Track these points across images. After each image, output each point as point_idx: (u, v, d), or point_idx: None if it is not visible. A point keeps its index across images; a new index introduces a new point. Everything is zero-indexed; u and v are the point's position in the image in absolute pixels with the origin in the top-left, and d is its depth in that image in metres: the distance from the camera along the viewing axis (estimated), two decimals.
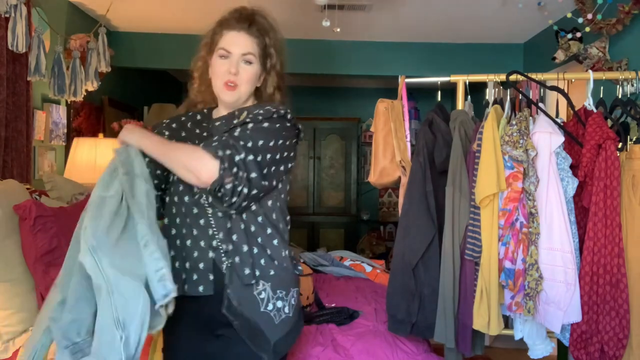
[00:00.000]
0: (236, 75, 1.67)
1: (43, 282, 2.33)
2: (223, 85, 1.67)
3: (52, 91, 3.44)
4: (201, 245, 1.62)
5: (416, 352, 2.31)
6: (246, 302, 1.61)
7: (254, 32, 1.70)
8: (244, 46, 1.68)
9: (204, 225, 1.63)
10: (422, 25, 4.55)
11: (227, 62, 1.67)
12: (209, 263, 1.62)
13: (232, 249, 1.61)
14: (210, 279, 1.62)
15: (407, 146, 2.53)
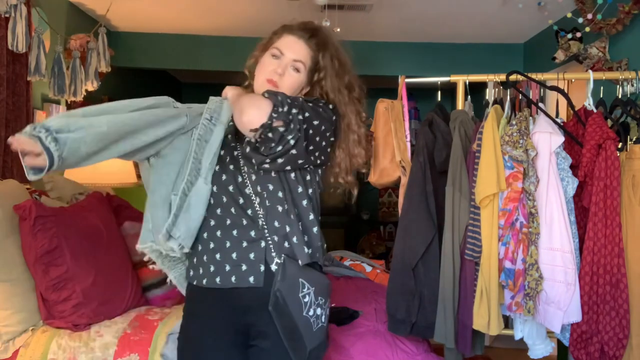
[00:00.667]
0: (281, 76, 1.66)
1: (43, 282, 2.33)
2: (265, 81, 1.66)
3: (52, 91, 3.43)
4: (251, 235, 1.59)
5: (416, 352, 2.32)
6: (292, 303, 1.58)
7: (312, 44, 1.70)
8: (297, 52, 1.68)
9: (252, 215, 1.60)
10: (422, 25, 4.55)
11: (277, 62, 1.67)
12: (260, 253, 1.59)
13: (281, 238, 1.59)
14: (261, 270, 1.58)
15: (407, 146, 2.53)
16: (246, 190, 1.62)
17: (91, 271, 2.40)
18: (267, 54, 1.69)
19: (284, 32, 1.71)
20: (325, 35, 1.75)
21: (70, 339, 2.31)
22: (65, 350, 2.28)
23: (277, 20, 1.83)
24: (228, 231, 1.62)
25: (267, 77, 1.66)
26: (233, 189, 1.63)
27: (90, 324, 2.36)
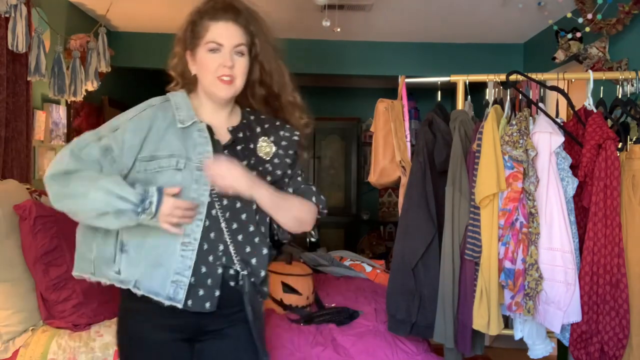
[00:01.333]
0: (232, 68, 1.56)
1: (43, 282, 2.33)
2: (217, 80, 1.56)
3: (52, 91, 3.43)
4: (209, 260, 1.56)
5: (416, 352, 2.31)
6: (258, 309, 1.63)
7: (242, 22, 1.59)
8: (235, 37, 1.57)
9: (214, 239, 1.56)
10: (422, 25, 4.55)
11: (219, 56, 1.56)
12: (217, 279, 1.56)
13: (241, 262, 1.58)
14: (216, 295, 1.56)
15: (407, 146, 2.53)
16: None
17: None
18: (202, 50, 1.57)
19: (208, 21, 1.58)
20: (245, 6, 1.63)
21: (70, 339, 2.31)
22: (65, 350, 2.28)
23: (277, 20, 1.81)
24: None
25: (217, 76, 1.56)
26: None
27: (90, 324, 2.36)
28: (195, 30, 1.59)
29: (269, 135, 1.69)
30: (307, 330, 2.45)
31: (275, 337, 2.36)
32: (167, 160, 1.54)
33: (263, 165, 1.65)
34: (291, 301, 2.71)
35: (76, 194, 1.49)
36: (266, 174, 1.64)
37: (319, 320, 2.55)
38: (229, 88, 1.58)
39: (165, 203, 1.48)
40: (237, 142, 1.64)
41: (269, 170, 1.65)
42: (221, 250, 1.56)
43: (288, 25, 4.50)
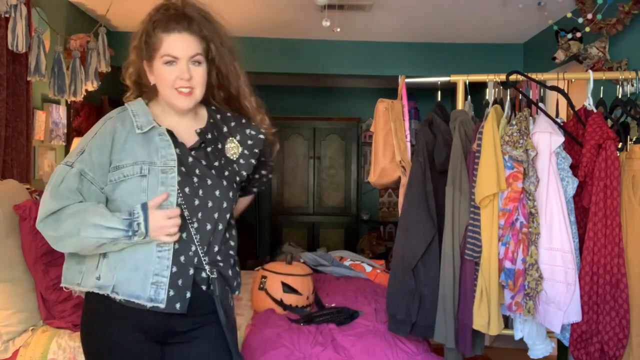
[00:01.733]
0: (190, 80, 1.55)
1: (43, 282, 2.33)
2: (176, 93, 1.56)
3: (52, 91, 3.43)
4: (180, 261, 1.55)
5: (416, 352, 2.31)
6: (229, 310, 1.64)
7: (195, 30, 1.56)
8: (189, 48, 1.55)
9: (186, 239, 1.56)
10: (422, 25, 4.55)
11: (176, 68, 1.54)
12: (189, 280, 1.55)
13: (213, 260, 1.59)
14: (187, 296, 1.55)
15: (407, 146, 2.53)
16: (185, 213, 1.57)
17: None
18: (158, 63, 1.55)
19: (161, 32, 1.54)
20: (197, 12, 1.59)
21: (70, 339, 2.31)
22: (65, 350, 2.28)
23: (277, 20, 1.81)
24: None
25: (175, 87, 1.55)
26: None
27: None
28: (150, 42, 1.56)
29: (235, 134, 1.70)
30: (307, 330, 2.45)
31: (275, 337, 2.36)
32: (131, 168, 1.54)
33: (232, 166, 1.66)
34: (291, 301, 2.71)
35: (69, 234, 1.50)
36: (235, 174, 1.66)
37: (319, 320, 2.55)
38: (189, 99, 1.57)
39: (152, 218, 1.48)
40: (207, 143, 1.64)
41: (236, 170, 1.67)
42: (192, 251, 1.56)
43: (288, 25, 4.50)
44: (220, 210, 1.60)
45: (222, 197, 1.60)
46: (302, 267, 2.93)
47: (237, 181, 1.66)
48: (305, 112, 6.88)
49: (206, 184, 1.59)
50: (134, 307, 1.53)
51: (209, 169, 1.61)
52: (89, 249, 1.52)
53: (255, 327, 2.47)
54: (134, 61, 1.61)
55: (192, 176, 1.58)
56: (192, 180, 1.58)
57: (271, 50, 4.93)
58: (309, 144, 6.75)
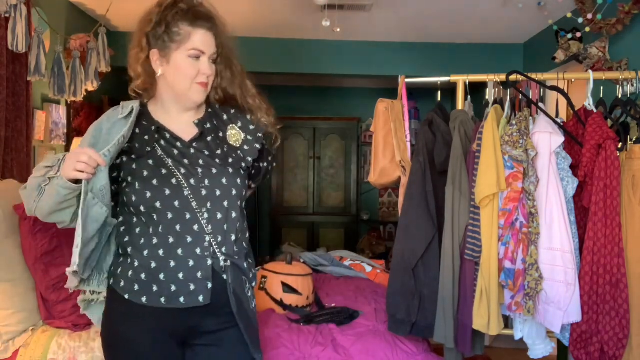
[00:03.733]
0: (210, 76, 1.63)
1: (43, 282, 2.33)
2: (197, 86, 1.60)
3: (52, 91, 3.43)
4: (197, 253, 1.55)
5: (416, 352, 2.31)
6: (245, 299, 1.62)
7: (215, 31, 1.63)
8: (212, 46, 1.62)
9: (199, 231, 1.56)
10: (422, 25, 4.55)
11: (199, 63, 1.59)
12: (208, 271, 1.55)
13: (227, 251, 1.59)
14: (208, 287, 1.55)
15: (407, 146, 2.53)
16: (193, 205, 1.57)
17: None
18: (181, 55, 1.57)
19: (189, 27, 1.58)
20: (216, 13, 1.66)
21: (70, 339, 2.31)
22: (65, 350, 2.28)
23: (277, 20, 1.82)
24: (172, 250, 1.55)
25: (197, 81, 1.60)
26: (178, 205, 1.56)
27: (90, 324, 2.36)
28: (171, 32, 1.57)
29: (236, 121, 1.71)
30: (307, 330, 2.45)
31: (275, 337, 2.36)
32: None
33: (235, 153, 1.66)
34: (291, 301, 2.72)
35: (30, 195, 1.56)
36: (239, 161, 1.66)
37: (319, 320, 2.55)
38: (205, 92, 1.64)
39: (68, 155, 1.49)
40: (206, 133, 1.66)
41: (241, 157, 1.67)
42: (207, 241, 1.56)
43: (288, 25, 4.50)
44: (229, 198, 1.60)
45: (229, 184, 1.60)
46: (302, 267, 2.93)
47: (243, 167, 1.66)
48: (305, 112, 6.88)
49: (211, 173, 1.59)
50: (153, 305, 1.54)
51: (212, 158, 1.62)
52: (49, 203, 1.51)
53: None
54: (145, 48, 1.61)
55: (196, 167, 1.59)
56: (197, 171, 1.58)
57: (271, 50, 4.93)
58: (309, 144, 6.75)
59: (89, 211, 1.50)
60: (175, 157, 1.59)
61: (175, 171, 1.57)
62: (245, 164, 1.67)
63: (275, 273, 2.78)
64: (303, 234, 6.65)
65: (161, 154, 1.59)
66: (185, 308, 1.55)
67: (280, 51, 4.95)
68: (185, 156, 1.60)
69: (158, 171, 1.57)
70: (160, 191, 1.55)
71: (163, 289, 1.54)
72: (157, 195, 1.55)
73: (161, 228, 1.55)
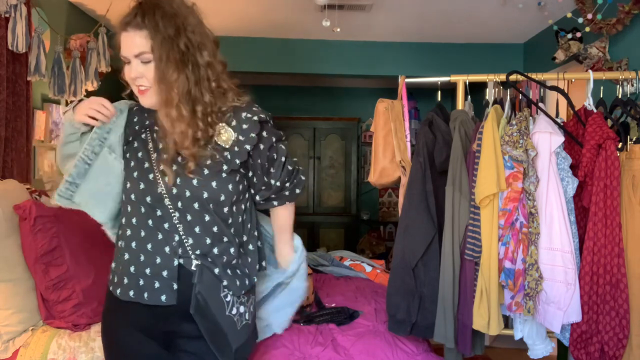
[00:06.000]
0: (140, 78, 1.52)
1: (43, 282, 2.33)
2: (137, 91, 1.56)
3: (52, 91, 3.43)
4: (165, 251, 1.54)
5: (416, 352, 2.31)
6: (213, 304, 1.56)
7: (139, 24, 1.48)
8: (134, 46, 1.49)
9: (169, 229, 1.54)
10: (422, 25, 4.55)
11: (129, 68, 1.53)
12: (173, 271, 1.54)
13: (202, 254, 1.55)
14: (174, 288, 1.53)
15: (407, 146, 2.53)
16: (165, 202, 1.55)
17: (91, 271, 2.40)
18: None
19: (118, 33, 1.53)
20: (153, 4, 1.51)
21: (70, 339, 2.31)
22: (65, 350, 2.28)
23: (277, 20, 1.81)
24: (142, 244, 1.56)
25: (135, 86, 1.55)
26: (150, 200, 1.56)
27: (90, 324, 2.36)
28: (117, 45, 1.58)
29: (231, 120, 1.61)
30: (307, 330, 2.45)
31: (275, 337, 2.36)
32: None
33: (222, 154, 1.59)
34: None
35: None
36: (224, 163, 1.59)
37: (319, 320, 2.55)
38: (147, 97, 1.55)
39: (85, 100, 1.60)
40: None
41: (227, 158, 1.59)
42: (176, 240, 1.54)
43: (288, 25, 4.50)
44: (200, 200, 1.54)
45: (201, 186, 1.54)
46: None
47: (224, 170, 1.58)
48: (305, 112, 6.88)
49: (184, 175, 1.55)
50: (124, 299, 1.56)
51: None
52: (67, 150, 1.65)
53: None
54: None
55: (172, 164, 1.57)
56: (171, 170, 1.56)
57: (271, 50, 4.93)
58: (309, 144, 6.75)
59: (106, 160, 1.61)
60: (159, 152, 1.59)
61: (155, 167, 1.57)
62: (229, 167, 1.59)
63: None
64: (303, 233, 6.64)
65: (150, 147, 1.60)
66: (157, 306, 1.54)
67: (280, 51, 4.95)
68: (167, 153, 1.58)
69: (141, 164, 1.59)
70: (136, 184, 1.56)
71: (132, 282, 1.55)
72: (134, 188, 1.57)
73: (135, 220, 1.57)
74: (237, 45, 4.86)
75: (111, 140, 1.62)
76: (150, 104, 1.57)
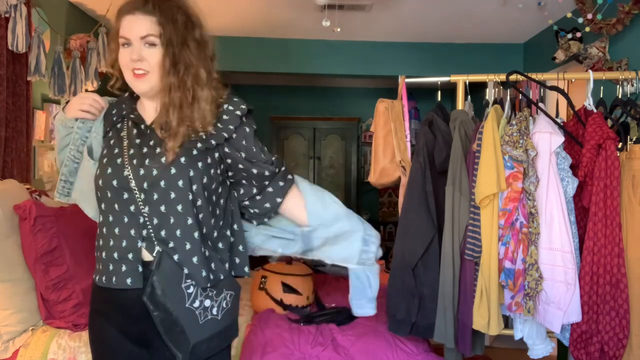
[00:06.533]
0: (141, 61, 1.51)
1: (43, 282, 2.33)
2: (132, 75, 1.54)
3: (52, 91, 3.43)
4: (131, 234, 1.52)
5: (416, 352, 2.31)
6: (172, 294, 1.50)
7: (149, 10, 1.51)
8: (141, 28, 1.50)
9: (135, 212, 1.52)
10: (422, 25, 4.55)
11: (129, 50, 1.52)
12: (138, 253, 1.52)
13: (165, 237, 1.51)
14: (139, 270, 1.52)
15: (407, 146, 2.53)
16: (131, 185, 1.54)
17: (91, 271, 2.38)
18: (120, 47, 1.55)
19: (120, 16, 1.54)
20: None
21: (70, 339, 2.31)
22: (65, 350, 2.28)
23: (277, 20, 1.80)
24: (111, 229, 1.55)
25: (130, 69, 1.54)
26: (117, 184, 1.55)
27: None
28: (116, 29, 1.57)
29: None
30: (307, 330, 2.45)
31: (276, 337, 2.36)
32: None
33: (197, 134, 1.56)
34: (291, 301, 2.71)
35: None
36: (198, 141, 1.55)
37: (319, 320, 2.55)
38: (143, 82, 1.54)
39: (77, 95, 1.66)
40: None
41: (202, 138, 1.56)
42: (140, 222, 1.52)
43: (288, 25, 4.50)
44: (168, 178, 1.51)
45: (171, 163, 1.51)
46: (302, 267, 2.93)
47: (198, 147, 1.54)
48: (305, 112, 6.88)
49: (154, 152, 1.54)
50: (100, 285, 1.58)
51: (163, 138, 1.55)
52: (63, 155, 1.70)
53: (255, 327, 2.47)
54: (113, 49, 1.62)
55: (144, 147, 1.56)
56: (142, 151, 1.55)
57: (271, 50, 4.93)
58: (309, 144, 6.75)
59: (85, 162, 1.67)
60: (132, 137, 1.59)
61: (125, 151, 1.57)
62: (203, 145, 1.55)
63: (275, 273, 2.78)
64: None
65: (123, 134, 1.61)
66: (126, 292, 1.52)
67: (280, 51, 4.95)
68: (140, 136, 1.58)
69: (112, 150, 1.60)
70: (104, 169, 1.57)
71: (104, 267, 1.56)
72: (102, 173, 1.57)
73: (104, 206, 1.57)
74: (237, 45, 4.85)
75: (91, 139, 1.67)
76: (146, 88, 1.56)
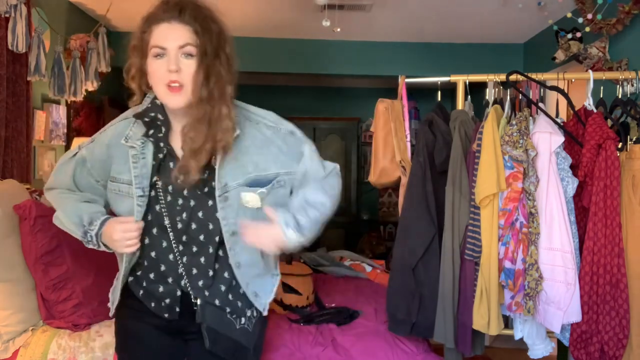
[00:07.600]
0: (178, 72, 1.38)
1: (43, 282, 2.32)
2: (167, 90, 1.39)
3: (52, 91, 3.43)
4: (168, 281, 1.54)
5: (416, 352, 2.31)
6: (224, 328, 1.56)
7: (186, 19, 1.39)
8: (179, 37, 1.38)
9: (173, 261, 1.53)
10: (422, 25, 4.55)
11: (164, 61, 1.39)
12: (176, 300, 1.55)
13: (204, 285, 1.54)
14: (176, 310, 1.55)
15: (407, 146, 2.53)
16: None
17: (91, 271, 2.40)
18: (150, 59, 1.41)
19: (152, 25, 1.41)
20: (193, 3, 1.44)
21: (70, 339, 2.31)
22: (65, 350, 2.28)
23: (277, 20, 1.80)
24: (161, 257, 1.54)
25: (165, 83, 1.39)
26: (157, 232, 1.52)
27: (90, 324, 2.36)
28: (144, 38, 1.43)
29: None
30: (307, 330, 2.45)
31: (276, 337, 2.36)
32: (127, 186, 1.49)
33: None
34: (291, 301, 2.72)
35: (57, 211, 1.63)
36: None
37: (319, 320, 2.55)
38: (180, 96, 1.40)
39: (108, 231, 1.47)
40: None
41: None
42: (179, 273, 1.53)
43: (288, 25, 4.50)
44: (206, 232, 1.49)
45: (207, 216, 1.48)
46: (302, 267, 2.93)
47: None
48: (305, 112, 6.88)
49: (188, 204, 1.48)
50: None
51: (196, 185, 1.46)
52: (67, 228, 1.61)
53: None
54: (135, 62, 1.46)
55: (178, 197, 1.49)
56: (178, 202, 1.49)
57: (271, 50, 4.93)
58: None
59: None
60: (168, 179, 1.48)
61: (161, 198, 1.49)
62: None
63: None
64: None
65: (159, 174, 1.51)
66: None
67: (280, 51, 4.95)
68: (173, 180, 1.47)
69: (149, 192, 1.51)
70: (144, 215, 1.49)
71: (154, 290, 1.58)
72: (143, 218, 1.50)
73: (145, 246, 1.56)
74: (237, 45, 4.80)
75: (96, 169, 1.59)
76: (182, 103, 1.41)
